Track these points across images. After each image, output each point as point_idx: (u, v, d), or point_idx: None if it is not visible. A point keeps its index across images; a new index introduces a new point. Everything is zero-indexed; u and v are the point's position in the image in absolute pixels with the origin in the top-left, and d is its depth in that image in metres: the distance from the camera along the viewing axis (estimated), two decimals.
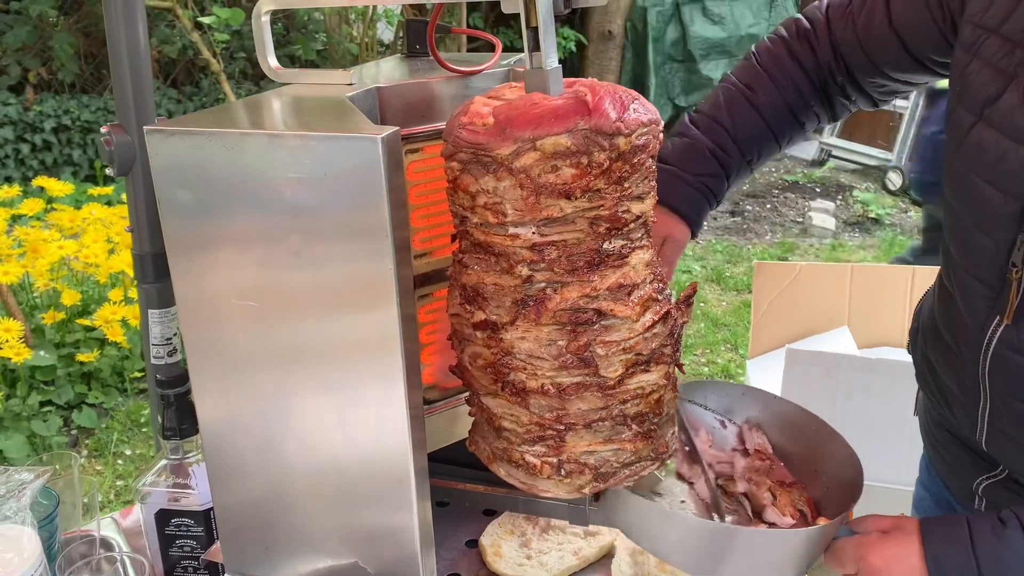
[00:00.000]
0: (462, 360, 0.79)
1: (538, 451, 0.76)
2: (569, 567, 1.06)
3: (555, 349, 0.72)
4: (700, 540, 0.79)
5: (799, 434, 0.98)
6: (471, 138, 0.67)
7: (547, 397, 0.74)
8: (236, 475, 0.85)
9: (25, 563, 0.78)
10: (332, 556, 0.84)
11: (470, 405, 0.84)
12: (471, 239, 0.73)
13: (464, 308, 0.74)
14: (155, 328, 1.07)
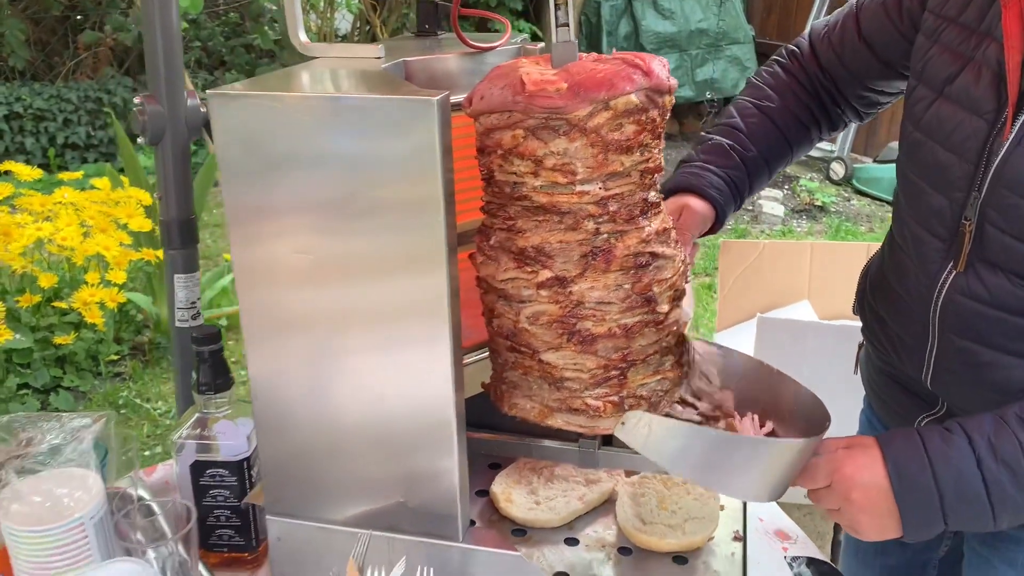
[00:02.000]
0: (516, 323, 0.85)
1: (600, 393, 0.85)
2: (575, 511, 1.14)
3: (622, 293, 0.81)
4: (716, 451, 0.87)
5: (758, 383, 1.08)
6: (547, 103, 0.75)
7: (614, 339, 0.82)
8: (284, 425, 0.91)
9: (93, 500, 0.83)
10: (374, 497, 0.91)
11: (507, 369, 0.91)
12: (527, 203, 0.81)
13: (523, 271, 0.82)
14: (180, 292, 1.12)
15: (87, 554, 0.83)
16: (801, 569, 1.10)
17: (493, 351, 0.94)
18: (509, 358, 0.88)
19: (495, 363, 0.95)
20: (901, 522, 0.89)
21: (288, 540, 0.95)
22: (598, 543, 1.11)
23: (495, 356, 0.94)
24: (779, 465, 0.91)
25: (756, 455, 0.91)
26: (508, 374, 0.91)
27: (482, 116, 0.80)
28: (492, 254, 0.84)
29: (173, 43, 1.02)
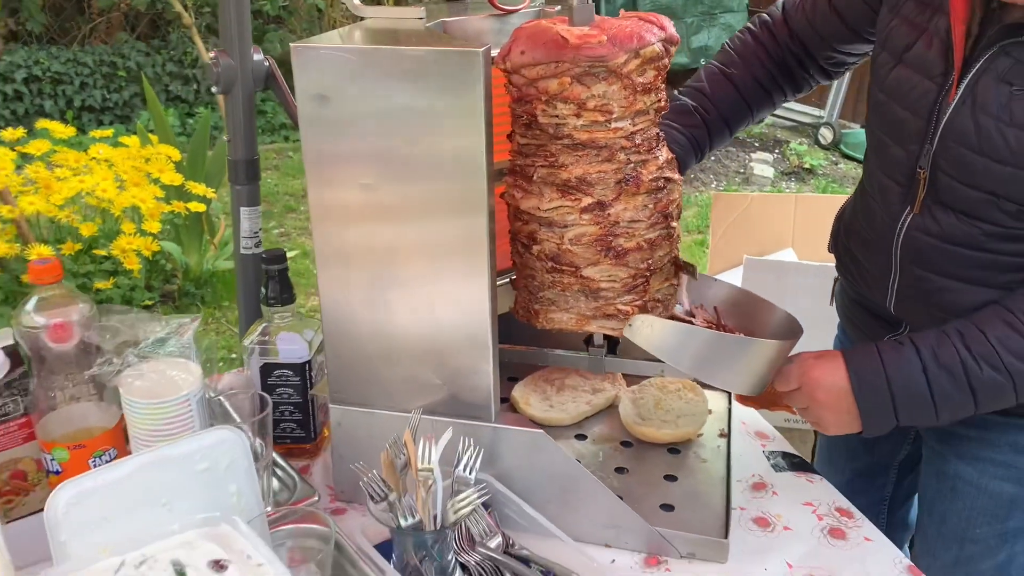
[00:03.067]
0: (560, 245, 1.03)
1: (628, 299, 1.04)
2: (583, 412, 1.34)
3: (647, 212, 1.00)
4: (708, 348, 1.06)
5: (741, 307, 1.26)
6: (591, 53, 0.93)
7: (641, 252, 1.02)
8: (347, 332, 1.10)
9: (195, 381, 1.02)
10: (421, 390, 1.09)
11: (543, 290, 1.08)
12: (568, 141, 0.99)
13: (567, 199, 1.00)
14: (245, 223, 1.30)
15: (191, 425, 1.01)
16: (776, 460, 1.29)
17: (527, 277, 1.11)
18: (547, 279, 1.05)
19: (527, 288, 1.12)
20: (860, 419, 1.08)
21: (347, 424, 1.14)
22: (603, 438, 1.31)
23: (528, 281, 1.11)
24: (758, 362, 1.10)
25: (740, 352, 1.10)
26: (544, 294, 1.08)
27: (524, 68, 0.97)
28: (534, 188, 1.01)
29: (243, 6, 1.18)
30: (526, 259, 1.09)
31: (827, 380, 1.09)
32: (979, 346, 1.03)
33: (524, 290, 1.13)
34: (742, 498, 1.20)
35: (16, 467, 1.09)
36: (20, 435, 1.08)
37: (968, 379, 1.03)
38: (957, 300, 1.10)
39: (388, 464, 1.00)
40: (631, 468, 1.23)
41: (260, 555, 0.88)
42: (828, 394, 1.09)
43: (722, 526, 1.10)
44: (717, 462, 1.24)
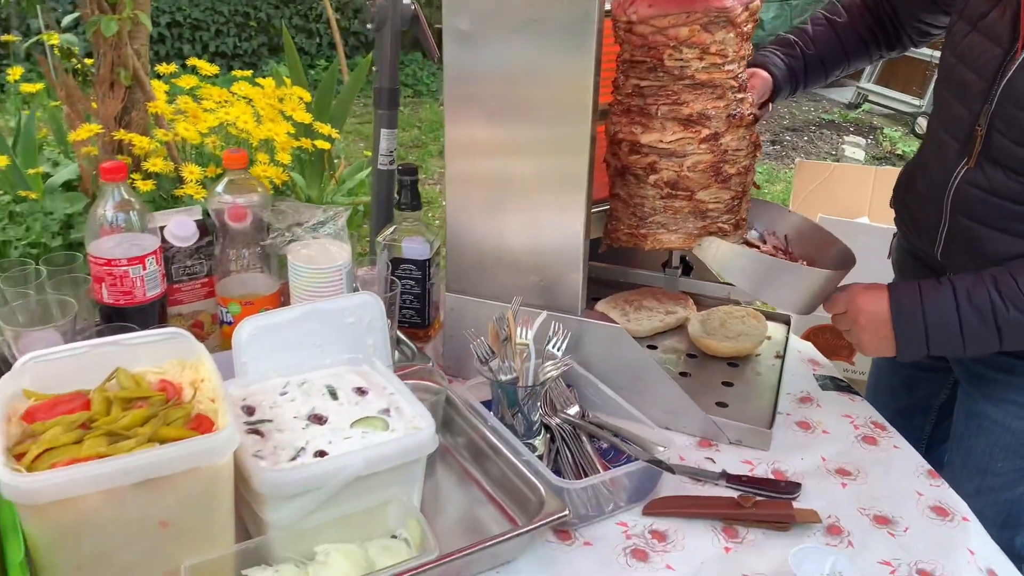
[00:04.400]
0: (680, 172, 1.23)
1: (727, 218, 1.26)
2: (656, 327, 1.53)
3: (745, 142, 1.22)
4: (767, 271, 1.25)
5: (806, 237, 1.44)
6: (720, 5, 1.16)
7: (739, 176, 1.24)
8: (466, 238, 1.33)
9: (346, 256, 1.26)
10: (523, 287, 1.31)
11: (654, 215, 1.28)
12: (689, 81, 1.19)
13: (689, 131, 1.20)
14: (383, 143, 1.54)
15: (340, 289, 1.26)
16: (824, 382, 1.47)
17: (634, 205, 1.29)
18: (659, 205, 1.26)
19: (635, 215, 1.30)
20: (895, 344, 1.25)
21: (458, 310, 1.38)
22: (671, 349, 1.51)
23: (636, 209, 1.29)
24: (809, 288, 1.28)
25: (793, 277, 1.28)
26: (655, 218, 1.28)
27: (653, 19, 1.18)
28: (655, 124, 1.22)
29: None
30: (636, 189, 1.29)
31: (870, 307, 1.26)
32: (1009, 290, 1.17)
33: (631, 217, 1.32)
34: (789, 407, 1.39)
35: (197, 318, 1.36)
36: (202, 292, 1.35)
37: (995, 318, 1.18)
38: (997, 249, 1.25)
39: (494, 334, 1.23)
40: (693, 374, 1.43)
41: (392, 387, 1.12)
42: (870, 320, 1.26)
43: (768, 420, 1.30)
44: (770, 376, 1.43)
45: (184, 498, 0.87)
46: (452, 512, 1.13)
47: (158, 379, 0.99)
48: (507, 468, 1.13)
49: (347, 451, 0.98)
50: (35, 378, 0.96)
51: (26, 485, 0.79)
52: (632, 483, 1.13)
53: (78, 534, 0.83)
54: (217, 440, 0.86)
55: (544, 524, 1.02)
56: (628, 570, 1.04)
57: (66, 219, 2.81)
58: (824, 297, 1.30)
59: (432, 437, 1.02)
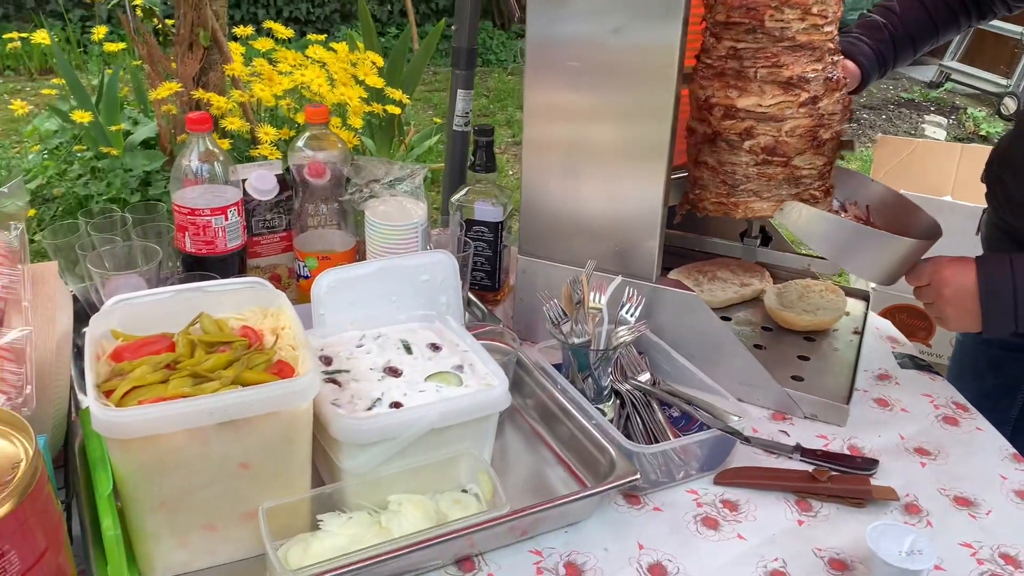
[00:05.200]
0: (777, 137, 1.20)
1: (819, 184, 1.23)
2: (730, 299, 1.51)
3: (840, 106, 1.19)
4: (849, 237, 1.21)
5: (889, 208, 1.39)
6: None
7: (832, 142, 1.21)
8: (541, 201, 1.31)
9: (422, 214, 1.27)
10: (598, 253, 1.30)
11: (747, 183, 1.25)
12: (789, 43, 1.16)
13: (788, 95, 1.17)
14: (460, 104, 1.54)
15: (415, 246, 1.27)
16: (903, 360, 1.43)
17: (724, 173, 1.26)
18: (752, 172, 1.23)
19: (725, 183, 1.27)
20: (982, 319, 1.21)
21: (530, 272, 1.37)
22: (746, 321, 1.48)
23: (727, 176, 1.26)
24: (891, 257, 1.24)
25: (876, 245, 1.24)
26: (747, 186, 1.25)
27: None
28: (754, 88, 1.19)
29: None
30: (728, 156, 1.25)
31: (956, 280, 1.21)
32: None
33: (720, 186, 1.29)
34: (866, 383, 1.36)
35: (274, 271, 1.38)
36: (280, 245, 1.37)
37: None
38: None
39: (567, 296, 1.22)
40: (768, 346, 1.40)
41: (465, 344, 1.12)
42: (955, 293, 1.21)
43: (845, 395, 1.27)
44: (847, 352, 1.40)
45: (264, 441, 0.89)
46: (520, 471, 1.13)
47: (240, 325, 1.00)
48: (577, 430, 1.13)
49: (422, 403, 0.99)
50: (122, 319, 0.99)
51: (116, 419, 0.81)
52: (704, 452, 1.12)
53: (162, 471, 0.86)
54: (299, 385, 0.87)
55: (616, 486, 1.01)
56: (698, 537, 1.03)
57: (144, 176, 2.88)
58: (907, 268, 1.25)
59: (505, 394, 1.02)
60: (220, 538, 0.93)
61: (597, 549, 1.00)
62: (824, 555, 1.01)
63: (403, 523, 0.94)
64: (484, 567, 0.97)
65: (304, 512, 0.95)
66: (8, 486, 0.66)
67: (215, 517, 0.91)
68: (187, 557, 0.92)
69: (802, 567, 0.99)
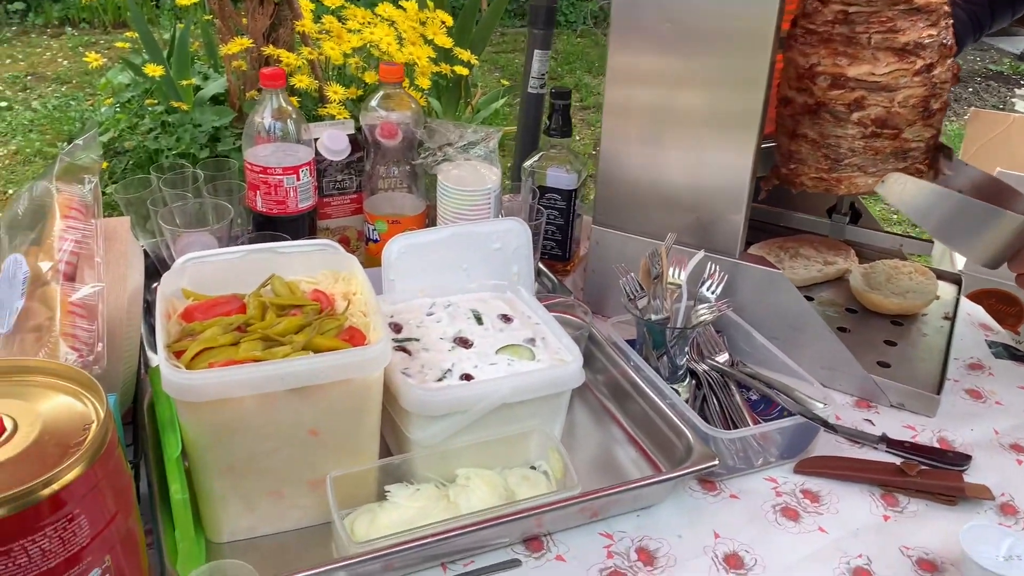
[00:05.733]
0: (890, 108, 1.13)
1: (924, 158, 1.16)
2: (813, 277, 1.44)
3: (949, 74, 1.11)
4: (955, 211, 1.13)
5: (984, 193, 1.29)
6: None
7: (940, 112, 1.15)
8: (620, 169, 1.26)
9: (495, 180, 1.22)
10: (678, 226, 1.24)
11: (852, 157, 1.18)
12: (904, 7, 1.10)
13: (903, 62, 1.10)
14: (536, 64, 1.48)
15: (487, 213, 1.23)
16: (998, 349, 1.35)
17: (826, 147, 1.20)
18: (858, 146, 1.16)
19: (827, 157, 1.20)
20: None
21: (604, 244, 1.32)
22: (829, 302, 1.41)
23: (829, 151, 1.19)
24: (1000, 235, 1.15)
25: (984, 220, 1.15)
26: (852, 160, 1.18)
27: None
28: (866, 55, 1.11)
29: None
30: (833, 129, 1.18)
31: None
32: None
33: (822, 160, 1.22)
34: (957, 373, 1.28)
35: (343, 233, 1.36)
36: (350, 207, 1.34)
37: None
38: None
39: (645, 270, 1.17)
40: (853, 329, 1.33)
41: (538, 317, 1.08)
42: None
43: (935, 384, 1.19)
44: (937, 338, 1.32)
45: (334, 408, 0.86)
46: (589, 448, 1.09)
47: (311, 289, 0.98)
48: (651, 410, 1.09)
49: (493, 377, 0.95)
50: (193, 278, 0.97)
51: (186, 382, 0.79)
52: (785, 439, 1.07)
53: (231, 435, 0.84)
54: (371, 353, 0.84)
55: (694, 471, 0.97)
56: (777, 528, 0.98)
57: (213, 132, 2.89)
58: (1012, 251, 1.17)
59: (579, 371, 0.98)
60: (286, 504, 0.91)
61: (670, 535, 0.97)
62: (912, 554, 0.96)
63: (471, 499, 0.92)
64: (553, 548, 0.94)
65: (371, 481, 0.93)
66: (79, 448, 0.64)
67: (282, 483, 0.90)
68: (253, 522, 0.91)
69: (888, 565, 0.94)
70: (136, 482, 0.95)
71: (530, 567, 0.91)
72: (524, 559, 0.92)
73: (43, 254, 0.89)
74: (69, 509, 0.63)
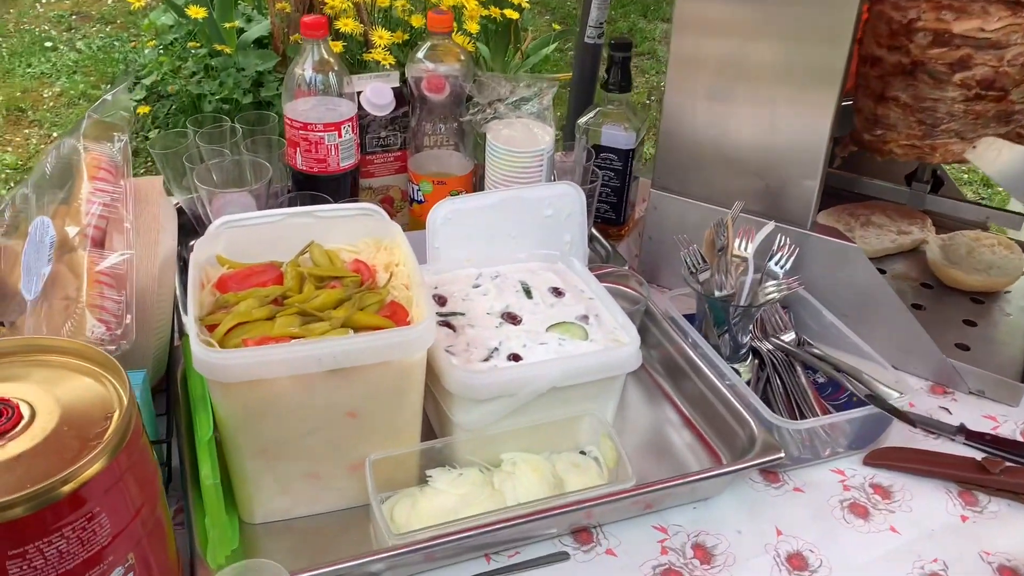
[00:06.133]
0: (998, 68, 1.03)
1: None
2: (886, 248, 1.34)
3: None
4: None
5: None
6: None
7: None
8: (684, 130, 1.16)
9: (549, 140, 1.14)
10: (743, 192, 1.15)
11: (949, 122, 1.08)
12: None
13: (1017, 15, 1.00)
14: (594, 12, 1.38)
15: (539, 176, 1.15)
16: None
17: (921, 111, 1.10)
18: (958, 109, 1.06)
19: (921, 122, 1.11)
20: None
21: (662, 209, 1.24)
22: (903, 276, 1.31)
23: (925, 115, 1.09)
24: None
25: None
26: (949, 125, 1.08)
27: None
28: (975, 8, 1.01)
29: None
30: (930, 91, 1.08)
31: None
32: None
33: (916, 126, 1.12)
34: None
35: (387, 192, 1.29)
36: (394, 166, 1.28)
37: None
38: None
39: (709, 242, 1.09)
40: (929, 307, 1.24)
41: (591, 291, 1.01)
42: None
43: (1019, 371, 1.10)
44: (1022, 320, 1.22)
45: (374, 390, 0.81)
46: (641, 429, 1.03)
47: (352, 259, 0.92)
48: (710, 392, 1.02)
49: (544, 359, 0.89)
50: (228, 244, 0.92)
51: (218, 361, 0.74)
52: (854, 428, 0.99)
53: (265, 416, 0.79)
54: (414, 334, 0.78)
55: (758, 464, 0.90)
56: (845, 526, 0.92)
57: (257, 76, 2.83)
58: None
59: (636, 354, 0.91)
60: (323, 487, 0.87)
61: (729, 531, 0.90)
62: (993, 560, 0.88)
63: (517, 487, 0.86)
64: (603, 540, 0.88)
65: (412, 465, 0.88)
66: (100, 440, 0.60)
67: (319, 466, 0.85)
68: (288, 504, 0.87)
69: (966, 573, 0.87)
70: (168, 456, 0.91)
71: (578, 561, 0.86)
72: (572, 551, 0.87)
73: (70, 218, 0.84)
74: (89, 507, 0.59)
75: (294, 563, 0.83)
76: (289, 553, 0.85)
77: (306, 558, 0.84)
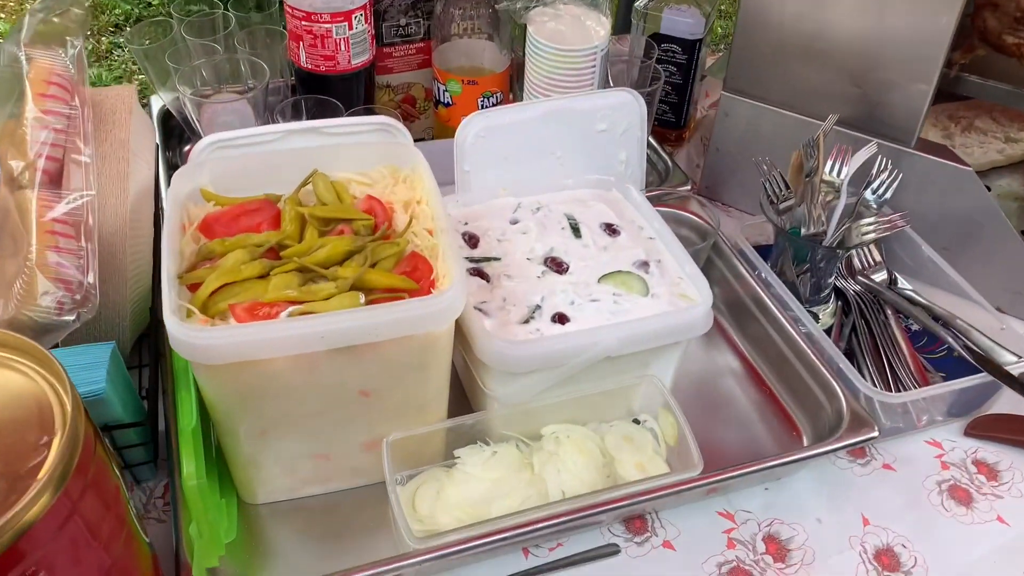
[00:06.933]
0: None
1: None
2: (993, 160, 1.14)
3: None
4: None
5: None
6: None
7: None
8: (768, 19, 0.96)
9: (604, 36, 0.94)
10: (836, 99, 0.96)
11: None
12: None
13: None
14: None
15: (591, 82, 0.96)
16: None
17: None
18: None
19: None
20: None
21: (735, 116, 1.04)
22: (1012, 195, 1.12)
23: None
24: None
25: None
26: None
27: None
28: None
29: None
30: None
31: None
32: None
33: None
34: None
35: (408, 91, 1.11)
36: (416, 59, 1.08)
37: None
38: None
39: (796, 166, 0.91)
40: None
41: (652, 228, 0.84)
42: None
43: None
44: None
45: (390, 367, 0.67)
46: (698, 380, 0.89)
47: (364, 194, 0.76)
48: (786, 347, 0.87)
49: (595, 324, 0.74)
50: (216, 172, 0.75)
51: (200, 341, 0.60)
52: (956, 394, 0.84)
53: (261, 399, 0.66)
54: (439, 304, 0.63)
55: (847, 446, 0.76)
56: (943, 515, 0.78)
57: None
58: None
59: (707, 314, 0.75)
60: (335, 467, 0.74)
61: (807, 519, 0.77)
62: None
63: (561, 472, 0.73)
64: (659, 530, 0.76)
65: (438, 442, 0.75)
66: (37, 476, 0.46)
67: (329, 446, 0.72)
68: (294, 484, 0.75)
69: None
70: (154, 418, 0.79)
71: (631, 555, 0.74)
72: (623, 543, 0.75)
73: (15, 148, 0.68)
74: (31, 560, 0.46)
75: (302, 548, 0.73)
76: (296, 537, 0.74)
77: (315, 542, 0.73)
